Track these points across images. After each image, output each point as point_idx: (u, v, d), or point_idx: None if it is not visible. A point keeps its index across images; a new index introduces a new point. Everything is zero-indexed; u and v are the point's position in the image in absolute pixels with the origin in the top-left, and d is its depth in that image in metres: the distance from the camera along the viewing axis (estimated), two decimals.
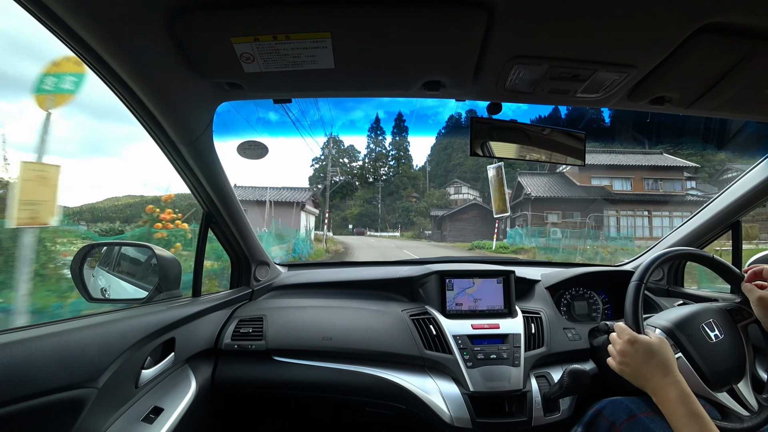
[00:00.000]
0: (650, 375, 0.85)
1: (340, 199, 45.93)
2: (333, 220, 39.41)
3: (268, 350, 1.36)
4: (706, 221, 1.55)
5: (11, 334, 0.75)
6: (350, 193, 48.39)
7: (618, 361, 0.92)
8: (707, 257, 1.08)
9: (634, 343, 0.89)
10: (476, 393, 1.22)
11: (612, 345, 0.96)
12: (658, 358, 0.86)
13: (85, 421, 0.82)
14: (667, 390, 0.82)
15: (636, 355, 0.88)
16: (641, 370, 0.87)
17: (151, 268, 1.28)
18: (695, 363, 0.95)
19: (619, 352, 0.92)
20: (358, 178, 49.84)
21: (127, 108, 0.92)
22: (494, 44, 0.77)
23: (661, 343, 0.89)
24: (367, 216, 47.29)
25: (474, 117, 1.07)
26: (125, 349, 0.93)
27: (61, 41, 0.72)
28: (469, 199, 38.51)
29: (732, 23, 0.71)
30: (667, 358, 0.86)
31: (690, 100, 0.97)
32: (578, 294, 1.69)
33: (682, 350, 0.97)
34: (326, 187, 35.55)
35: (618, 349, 0.92)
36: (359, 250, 19.15)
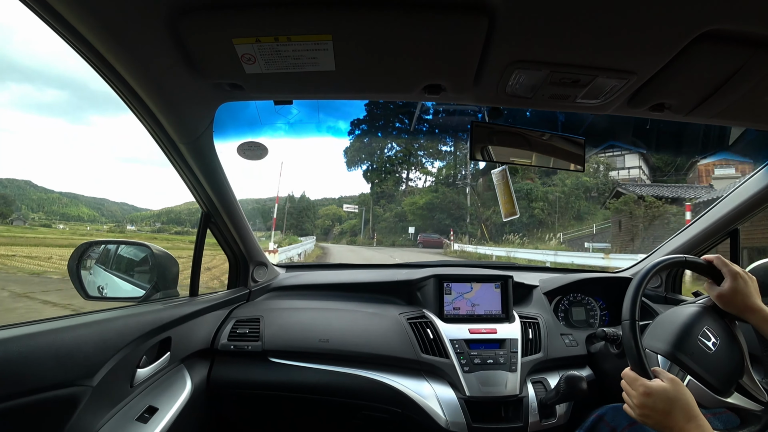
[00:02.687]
0: (674, 424, 0.83)
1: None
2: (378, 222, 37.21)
3: (265, 351, 1.35)
4: (704, 229, 1.55)
5: (6, 330, 0.74)
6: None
7: (638, 414, 0.89)
8: (680, 260, 1.06)
9: (650, 395, 0.87)
10: (472, 398, 1.22)
11: (626, 395, 0.93)
12: (679, 405, 0.84)
13: (79, 419, 0.81)
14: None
15: (656, 407, 0.86)
16: (664, 421, 0.85)
17: (148, 267, 1.28)
18: (704, 380, 0.94)
19: (638, 406, 0.89)
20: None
21: (128, 106, 0.92)
22: (495, 49, 0.78)
23: (675, 386, 0.86)
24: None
25: (474, 121, 1.07)
26: (121, 347, 0.92)
27: (64, 40, 0.72)
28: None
29: (732, 31, 0.71)
30: (687, 401, 0.85)
31: (689, 107, 0.97)
32: (576, 300, 1.69)
33: (690, 372, 0.95)
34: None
35: (636, 403, 0.90)
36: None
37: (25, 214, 55.86)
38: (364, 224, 39.97)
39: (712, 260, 1.01)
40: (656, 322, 1.10)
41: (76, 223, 22.23)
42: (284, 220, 45.43)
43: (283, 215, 61.39)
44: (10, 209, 36.09)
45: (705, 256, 1.04)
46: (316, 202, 64.77)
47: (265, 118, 1.14)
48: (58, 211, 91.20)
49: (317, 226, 55.93)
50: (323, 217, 58.79)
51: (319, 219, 58.80)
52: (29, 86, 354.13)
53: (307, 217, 61.10)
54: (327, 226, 54.72)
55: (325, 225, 55.26)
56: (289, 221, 60.03)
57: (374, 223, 38.43)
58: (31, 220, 50.17)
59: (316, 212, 62.34)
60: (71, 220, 16.17)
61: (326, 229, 54.24)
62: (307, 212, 61.07)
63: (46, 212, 56.55)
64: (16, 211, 51.90)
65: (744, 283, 0.96)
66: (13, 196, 79.10)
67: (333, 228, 51.95)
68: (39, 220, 46.92)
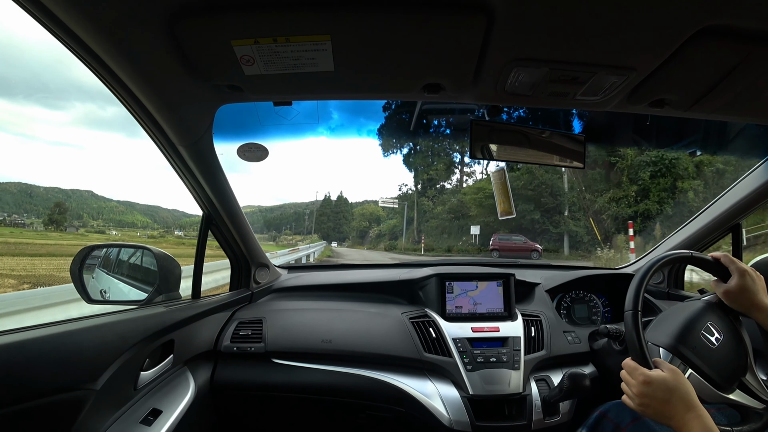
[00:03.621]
0: (672, 413, 0.83)
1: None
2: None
3: (268, 353, 1.35)
4: (706, 224, 1.55)
5: (11, 335, 0.75)
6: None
7: (637, 403, 0.89)
8: (686, 256, 1.06)
9: (650, 384, 0.87)
10: (476, 396, 1.22)
11: (626, 385, 0.93)
12: (678, 394, 0.84)
13: (83, 422, 0.82)
14: (690, 425, 0.81)
15: (655, 396, 0.86)
16: (663, 410, 0.85)
17: (150, 270, 1.28)
18: (705, 374, 0.94)
19: (637, 395, 0.89)
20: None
21: (127, 109, 0.92)
22: (494, 47, 0.78)
23: (675, 376, 0.86)
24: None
25: (474, 119, 1.07)
26: (124, 350, 0.92)
27: (63, 44, 0.72)
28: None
29: (731, 26, 0.71)
30: (686, 391, 0.85)
31: (690, 103, 0.97)
32: (578, 297, 1.69)
33: (691, 366, 0.95)
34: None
35: (635, 392, 0.90)
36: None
37: (86, 221, 57.74)
38: (406, 224, 32.32)
39: (720, 258, 1.01)
40: (660, 317, 1.10)
41: (129, 229, 23.00)
42: (309, 223, 43.17)
43: (316, 218, 58.64)
44: (63, 216, 36.91)
45: (712, 253, 1.03)
46: (354, 204, 60.94)
47: (266, 119, 1.14)
48: (115, 219, 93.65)
49: (353, 228, 51.79)
50: (359, 218, 53.93)
51: (355, 220, 54.28)
52: (92, 105, 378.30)
53: (344, 219, 58.30)
54: (363, 228, 49.68)
55: (362, 227, 50.07)
56: (326, 224, 57.33)
57: (420, 221, 31.44)
58: (90, 226, 51.63)
59: (352, 213, 58.53)
60: (126, 226, 16.59)
61: (362, 232, 49.09)
62: (345, 214, 58.37)
63: (105, 219, 57.96)
64: (70, 219, 54.18)
65: (752, 280, 0.96)
66: (73, 206, 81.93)
67: (370, 230, 46.45)
68: (97, 227, 48.26)
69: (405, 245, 28.84)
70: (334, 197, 60.83)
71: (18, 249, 17.84)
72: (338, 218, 56.91)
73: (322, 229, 58.63)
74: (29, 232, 30.82)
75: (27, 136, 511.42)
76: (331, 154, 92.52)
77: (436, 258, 3.01)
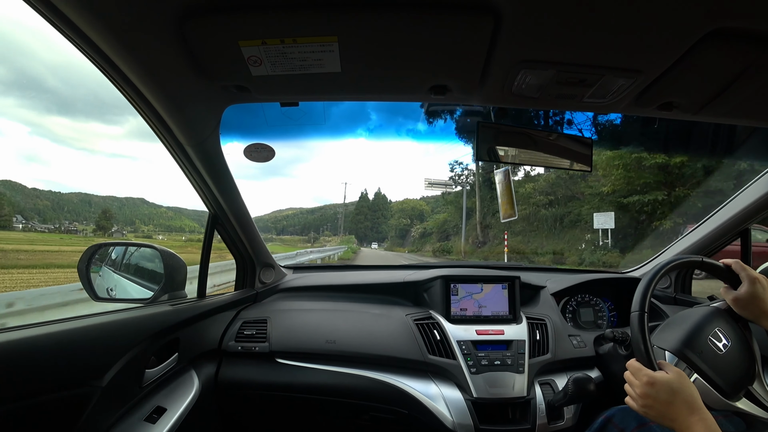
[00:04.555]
0: (676, 415, 0.82)
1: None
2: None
3: (272, 352, 1.36)
4: (715, 229, 1.53)
5: (18, 331, 0.75)
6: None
7: (641, 404, 0.88)
8: (697, 261, 1.05)
9: (654, 385, 0.86)
10: (480, 399, 1.22)
11: (630, 386, 0.92)
12: (682, 396, 0.83)
13: (89, 418, 0.82)
14: (694, 429, 0.80)
15: (658, 397, 0.85)
16: (666, 412, 0.84)
17: (156, 268, 1.29)
18: (711, 380, 0.93)
19: (640, 396, 0.88)
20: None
21: (136, 109, 0.93)
22: (501, 49, 0.77)
23: (680, 378, 0.85)
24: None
25: (480, 121, 1.07)
26: (130, 348, 0.93)
27: (72, 44, 0.73)
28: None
29: (740, 28, 0.71)
30: (690, 394, 0.84)
31: (698, 106, 0.96)
32: (584, 301, 1.68)
33: (697, 371, 0.94)
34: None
35: (639, 393, 0.89)
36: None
37: (137, 227, 60.16)
38: (465, 217, 21.97)
39: (731, 264, 1.00)
40: (667, 322, 1.09)
41: (177, 233, 23.31)
42: (338, 222, 39.63)
43: (352, 217, 54.73)
44: (110, 223, 38.21)
45: (724, 260, 1.02)
46: (394, 204, 55.05)
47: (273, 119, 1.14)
48: (164, 224, 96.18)
49: (391, 226, 46.01)
50: (398, 214, 47.01)
51: (393, 217, 47.78)
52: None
53: (383, 217, 54.56)
54: (404, 226, 43.43)
55: (401, 225, 44.15)
56: (363, 224, 53.90)
57: (486, 212, 21.67)
58: (140, 231, 53.52)
59: (390, 210, 53.02)
60: (174, 231, 16.67)
61: (402, 231, 42.83)
62: (383, 212, 54.83)
63: (155, 225, 59.81)
64: (122, 225, 56.96)
65: (762, 288, 0.95)
66: (127, 213, 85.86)
67: (411, 228, 39.32)
68: (147, 232, 49.92)
69: (467, 249, 20.58)
70: (372, 195, 56.81)
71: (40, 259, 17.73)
72: (376, 217, 53.49)
73: (359, 229, 54.66)
74: (78, 237, 31.81)
75: (88, 150, 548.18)
76: (370, 153, 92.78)
77: (444, 260, 2.83)
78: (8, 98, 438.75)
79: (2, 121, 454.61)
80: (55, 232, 31.68)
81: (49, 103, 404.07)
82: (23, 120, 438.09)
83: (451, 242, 24.20)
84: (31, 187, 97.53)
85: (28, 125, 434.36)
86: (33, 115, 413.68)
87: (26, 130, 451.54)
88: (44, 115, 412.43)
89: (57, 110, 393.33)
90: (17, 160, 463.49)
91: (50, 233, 30.69)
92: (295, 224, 55.29)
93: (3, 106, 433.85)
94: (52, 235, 29.38)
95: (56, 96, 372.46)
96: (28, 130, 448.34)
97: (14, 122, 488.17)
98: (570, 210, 17.16)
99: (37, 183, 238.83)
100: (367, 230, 52.95)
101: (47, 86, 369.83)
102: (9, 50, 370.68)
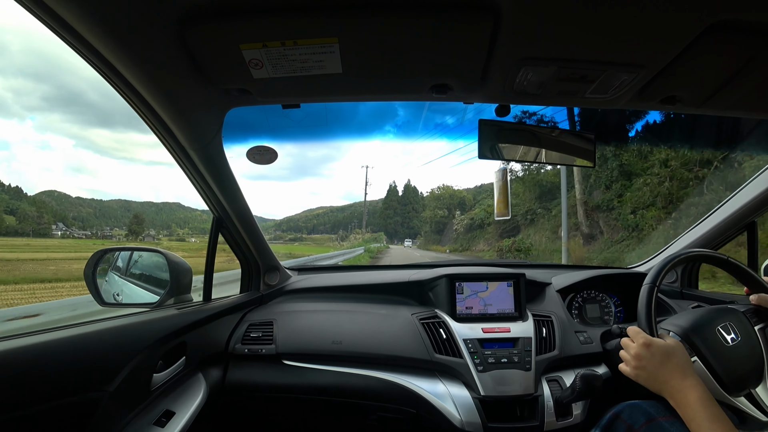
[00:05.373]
0: (668, 378, 0.83)
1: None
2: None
3: (278, 354, 1.36)
4: (721, 222, 1.52)
5: (25, 338, 0.76)
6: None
7: (633, 365, 0.89)
8: (722, 259, 1.06)
9: (649, 347, 0.87)
10: (487, 397, 1.21)
11: (625, 350, 0.93)
12: (675, 360, 0.83)
13: (98, 423, 0.83)
14: (686, 393, 0.80)
15: (652, 359, 0.85)
16: (658, 373, 0.84)
17: (162, 273, 1.30)
18: (711, 367, 0.93)
19: (634, 357, 0.89)
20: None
21: (138, 114, 0.94)
22: (501, 47, 0.77)
23: (677, 346, 0.86)
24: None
25: (482, 119, 1.07)
26: (137, 352, 0.94)
27: (74, 50, 0.73)
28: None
29: (742, 20, 0.70)
30: (685, 360, 0.84)
31: (702, 99, 0.96)
32: (590, 297, 1.67)
33: (698, 354, 0.95)
34: None
35: (633, 353, 0.89)
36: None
37: (173, 230, 61.61)
38: (565, 191, 11.92)
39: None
40: (682, 312, 1.10)
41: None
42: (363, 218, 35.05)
43: (380, 213, 49.64)
44: (141, 227, 38.80)
45: (752, 297, 1.06)
46: (427, 196, 48.22)
47: (275, 121, 1.15)
48: (198, 227, 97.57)
49: (425, 220, 37.86)
50: (432, 204, 37.58)
51: (427, 208, 39.26)
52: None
53: (414, 211, 49.96)
54: (440, 218, 33.67)
55: (437, 217, 34.20)
56: (392, 219, 48.22)
57: (591, 183, 14.86)
58: (176, 234, 54.58)
59: (422, 203, 47.16)
60: (207, 233, 16.90)
61: (439, 224, 33.04)
62: (414, 206, 50.44)
63: (190, 228, 61.00)
64: (158, 228, 58.58)
65: None
66: (163, 217, 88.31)
67: (453, 219, 29.52)
68: (182, 234, 50.78)
69: (573, 245, 12.79)
70: (401, 188, 51.75)
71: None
72: (406, 211, 49.62)
73: (388, 225, 49.76)
74: (111, 242, 32.40)
75: (127, 159, 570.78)
76: (399, 147, 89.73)
77: (447, 260, 2.67)
78: (54, 114, 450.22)
79: (51, 136, 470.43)
80: (92, 238, 32.53)
81: (91, 116, 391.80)
82: (68, 134, 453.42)
83: (526, 236, 17.10)
84: (75, 196, 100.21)
85: (73, 138, 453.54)
86: (76, 129, 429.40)
87: (71, 143, 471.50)
88: (86, 128, 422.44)
89: (98, 122, 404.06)
90: (66, 172, 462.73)
91: (87, 239, 31.43)
92: (326, 222, 54.46)
93: (50, 122, 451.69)
94: (87, 241, 30.01)
95: (96, 109, 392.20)
96: (72, 142, 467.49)
97: (61, 136, 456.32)
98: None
99: (83, 192, 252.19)
100: (397, 226, 49.04)
101: (88, 100, 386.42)
102: (53, 68, 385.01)
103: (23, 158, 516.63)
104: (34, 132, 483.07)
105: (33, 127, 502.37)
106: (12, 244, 23.93)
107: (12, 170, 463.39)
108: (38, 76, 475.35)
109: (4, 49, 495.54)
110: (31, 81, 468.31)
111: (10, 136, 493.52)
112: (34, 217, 32.30)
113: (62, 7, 0.63)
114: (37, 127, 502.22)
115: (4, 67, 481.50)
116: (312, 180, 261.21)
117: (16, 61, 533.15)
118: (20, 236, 27.76)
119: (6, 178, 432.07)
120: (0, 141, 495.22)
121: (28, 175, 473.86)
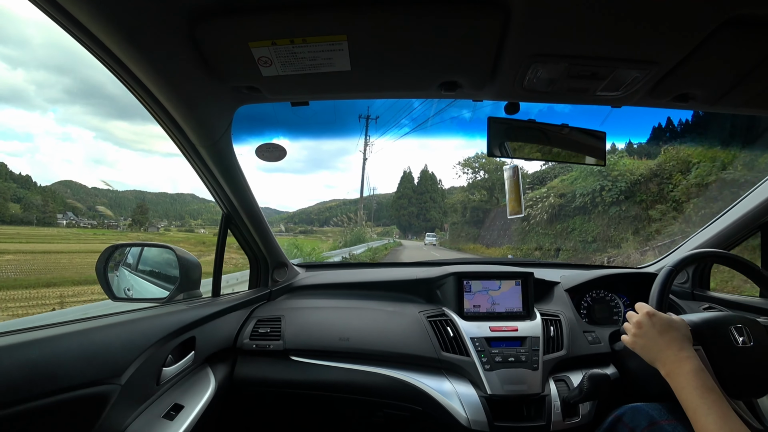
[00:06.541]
0: (664, 347, 0.82)
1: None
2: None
3: (286, 350, 1.37)
4: (734, 222, 1.50)
5: (39, 331, 0.77)
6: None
7: (632, 333, 0.89)
8: (739, 260, 1.04)
9: (652, 316, 0.87)
10: (494, 396, 1.21)
11: (629, 320, 0.93)
12: (675, 333, 0.83)
13: (108, 416, 0.84)
14: (681, 363, 0.79)
15: (652, 328, 0.85)
16: (655, 342, 0.84)
17: (172, 268, 1.31)
18: (716, 363, 0.91)
19: (634, 324, 0.89)
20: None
21: (149, 111, 0.95)
22: (511, 43, 0.77)
23: (681, 321, 0.86)
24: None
25: (491, 117, 1.06)
26: (147, 347, 0.95)
27: (85, 47, 0.74)
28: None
29: (757, 15, 0.69)
30: (685, 335, 0.84)
31: (716, 97, 0.94)
32: (599, 297, 1.66)
33: (704, 345, 0.92)
34: None
35: (634, 322, 0.90)
36: None
37: (186, 221, 62.86)
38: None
39: None
40: (694, 313, 1.09)
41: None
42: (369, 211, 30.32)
43: (392, 203, 41.75)
44: (145, 217, 39.20)
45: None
46: (448, 191, 43.34)
47: (284, 118, 1.15)
48: (211, 218, 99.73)
49: (453, 208, 27.16)
50: (459, 191, 27.88)
51: (453, 195, 31.41)
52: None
53: (431, 201, 44.69)
54: (477, 202, 22.47)
55: (473, 203, 22.80)
56: (406, 209, 43.80)
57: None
58: (188, 225, 55.56)
59: (442, 193, 43.12)
60: (218, 224, 16.80)
61: (476, 211, 22.16)
62: (432, 195, 45.53)
63: (204, 219, 62.07)
64: (170, 219, 59.50)
65: None
66: (177, 208, 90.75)
67: (495, 208, 20.39)
68: (194, 225, 51.75)
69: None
70: (417, 175, 46.28)
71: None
72: (423, 201, 45.16)
73: (401, 216, 44.25)
74: (112, 232, 32.84)
75: (145, 151, 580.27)
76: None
77: (455, 257, 2.52)
78: (75, 106, 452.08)
79: (72, 128, 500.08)
80: (97, 227, 32.96)
81: (110, 108, 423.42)
82: (89, 126, 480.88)
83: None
84: (91, 186, 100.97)
85: (93, 130, 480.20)
86: (97, 121, 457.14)
87: (92, 135, 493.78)
88: (106, 120, 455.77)
89: (117, 115, 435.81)
90: (87, 163, 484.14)
91: (91, 228, 31.82)
92: (339, 215, 54.27)
93: (72, 114, 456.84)
94: (88, 231, 30.38)
95: (115, 101, 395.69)
96: (93, 134, 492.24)
97: (81, 129, 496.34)
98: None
99: (101, 183, 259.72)
100: (411, 218, 43.74)
101: (107, 92, 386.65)
102: (74, 60, 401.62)
103: (45, 150, 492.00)
104: (55, 124, 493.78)
105: (55, 120, 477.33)
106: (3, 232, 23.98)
107: (35, 161, 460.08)
108: (60, 68, 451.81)
109: (27, 42, 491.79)
110: (54, 74, 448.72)
111: (33, 128, 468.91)
112: (38, 205, 32.70)
113: (73, 5, 0.64)
114: (59, 119, 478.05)
115: (27, 61, 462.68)
116: (327, 173, 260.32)
117: (39, 55, 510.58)
118: (19, 225, 28.06)
119: (29, 170, 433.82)
120: (24, 133, 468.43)
121: (52, 166, 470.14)
